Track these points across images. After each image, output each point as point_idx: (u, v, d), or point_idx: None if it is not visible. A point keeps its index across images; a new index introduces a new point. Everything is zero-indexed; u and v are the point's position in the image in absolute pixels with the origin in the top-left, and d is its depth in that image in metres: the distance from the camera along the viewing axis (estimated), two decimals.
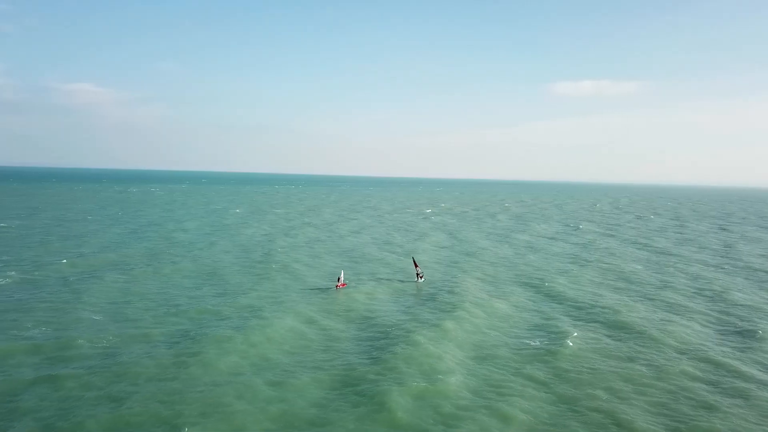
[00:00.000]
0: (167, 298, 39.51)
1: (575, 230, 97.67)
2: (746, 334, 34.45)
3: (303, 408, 22.47)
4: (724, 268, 58.76)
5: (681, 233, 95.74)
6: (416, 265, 49.04)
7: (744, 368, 28.33)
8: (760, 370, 28.24)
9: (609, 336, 33.30)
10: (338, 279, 45.50)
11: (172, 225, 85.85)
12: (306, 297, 41.26)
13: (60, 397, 22.58)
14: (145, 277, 46.21)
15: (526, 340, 32.09)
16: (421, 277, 48.20)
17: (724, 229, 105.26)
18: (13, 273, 45.24)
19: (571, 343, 30.93)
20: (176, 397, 22.66)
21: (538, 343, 31.70)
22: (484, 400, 23.81)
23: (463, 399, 23.79)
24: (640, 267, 58.28)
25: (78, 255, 55.59)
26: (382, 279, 48.95)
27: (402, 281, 48.20)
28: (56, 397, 22.57)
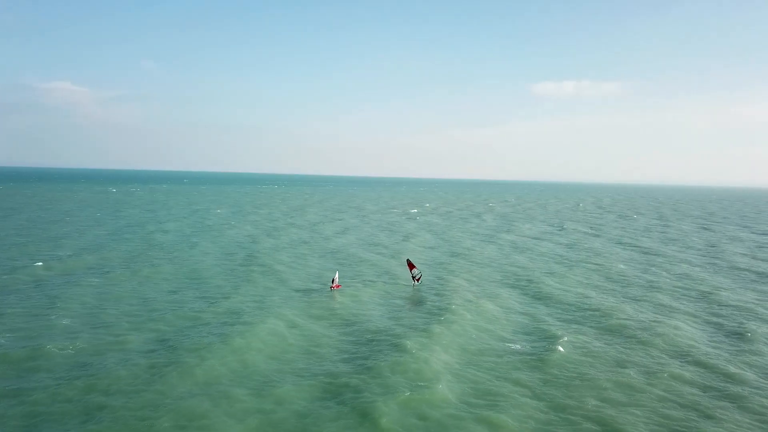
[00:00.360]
0: (145, 302, 38.20)
1: (561, 230, 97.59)
2: (737, 336, 34.12)
3: (283, 419, 21.46)
4: (710, 268, 58.77)
5: (665, 233, 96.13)
6: (413, 267, 46.78)
7: (736, 371, 27.90)
8: (753, 373, 27.82)
9: (599, 339, 32.74)
10: (332, 280, 44.59)
11: (152, 226, 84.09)
12: (290, 301, 40.18)
13: (24, 412, 21.24)
14: (123, 280, 44.79)
15: (515, 345, 31.40)
16: (417, 280, 46.19)
17: (707, 229, 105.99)
18: None
19: (561, 348, 30.26)
20: (150, 409, 21.51)
21: (527, 347, 31.03)
22: (473, 408, 23.01)
23: (451, 407, 22.96)
24: (627, 267, 58.05)
25: (54, 257, 53.89)
26: (368, 281, 47.98)
27: (387, 283, 47.28)
28: (20, 411, 21.23)
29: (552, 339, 32.08)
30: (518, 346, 31.04)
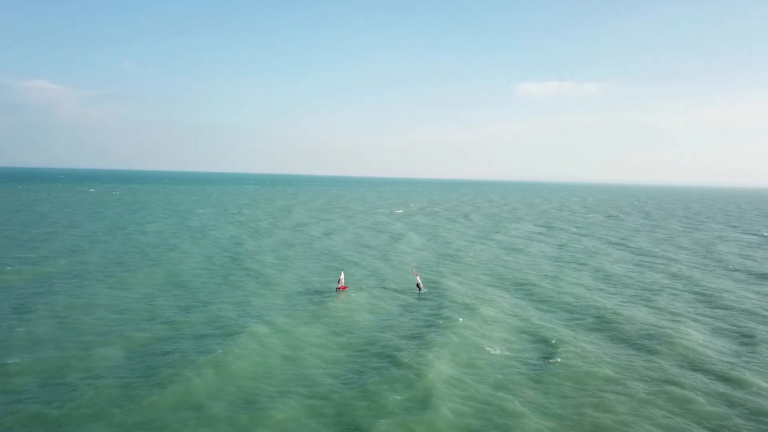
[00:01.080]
0: (119, 310, 35.68)
1: (550, 230, 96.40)
2: (743, 341, 32.70)
3: None
4: (706, 269, 57.66)
5: (655, 233, 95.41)
6: (416, 275, 44.42)
7: (748, 378, 26.38)
8: (765, 381, 26.28)
9: (601, 347, 31.06)
10: (338, 281, 42.79)
11: (131, 228, 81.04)
12: (276, 307, 37.89)
13: None
14: (97, 286, 42.10)
15: (515, 354, 29.62)
16: (420, 288, 42.99)
17: (696, 228, 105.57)
18: None
19: (561, 359, 28.52)
20: None
21: (527, 357, 29.29)
22: (471, 429, 21.11)
23: (446, 427, 21.03)
24: (622, 269, 56.73)
25: (24, 261, 51.01)
26: (358, 285, 45.77)
27: (379, 287, 45.16)
28: None
29: (552, 347, 30.40)
30: (518, 355, 29.28)
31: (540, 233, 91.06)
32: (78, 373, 24.54)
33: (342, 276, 43.89)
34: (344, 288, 42.66)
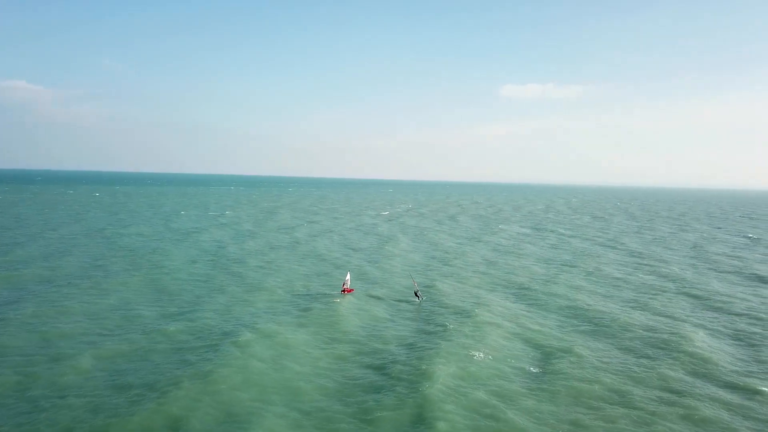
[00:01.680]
0: (95, 318, 33.53)
1: (538, 231, 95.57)
2: (745, 345, 31.63)
3: None
4: (699, 271, 56.97)
5: (643, 234, 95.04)
6: (414, 283, 42.75)
7: (754, 386, 25.25)
8: None
9: (600, 354, 29.77)
10: (344, 283, 41.22)
11: (111, 231, 78.37)
12: (262, 315, 36.02)
13: None
14: (72, 292, 39.80)
15: (511, 363, 28.20)
16: (419, 297, 40.82)
17: (683, 230, 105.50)
18: None
19: (562, 367, 27.21)
20: None
21: (523, 366, 27.90)
22: None
23: None
24: (615, 271, 55.78)
25: None
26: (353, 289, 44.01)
27: (372, 292, 43.49)
28: None
29: (549, 355, 29.12)
30: (514, 364, 27.87)
31: (528, 235, 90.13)
32: (41, 389, 22.55)
33: (348, 277, 42.19)
34: (350, 291, 41.00)
